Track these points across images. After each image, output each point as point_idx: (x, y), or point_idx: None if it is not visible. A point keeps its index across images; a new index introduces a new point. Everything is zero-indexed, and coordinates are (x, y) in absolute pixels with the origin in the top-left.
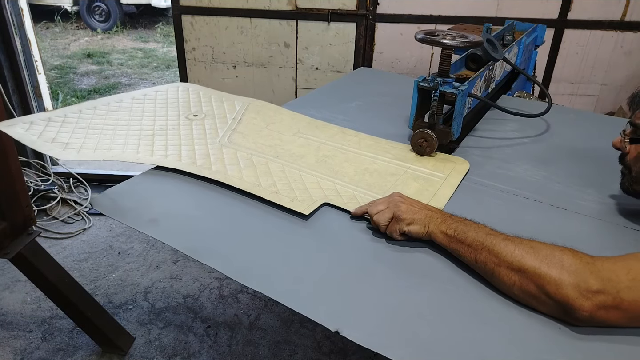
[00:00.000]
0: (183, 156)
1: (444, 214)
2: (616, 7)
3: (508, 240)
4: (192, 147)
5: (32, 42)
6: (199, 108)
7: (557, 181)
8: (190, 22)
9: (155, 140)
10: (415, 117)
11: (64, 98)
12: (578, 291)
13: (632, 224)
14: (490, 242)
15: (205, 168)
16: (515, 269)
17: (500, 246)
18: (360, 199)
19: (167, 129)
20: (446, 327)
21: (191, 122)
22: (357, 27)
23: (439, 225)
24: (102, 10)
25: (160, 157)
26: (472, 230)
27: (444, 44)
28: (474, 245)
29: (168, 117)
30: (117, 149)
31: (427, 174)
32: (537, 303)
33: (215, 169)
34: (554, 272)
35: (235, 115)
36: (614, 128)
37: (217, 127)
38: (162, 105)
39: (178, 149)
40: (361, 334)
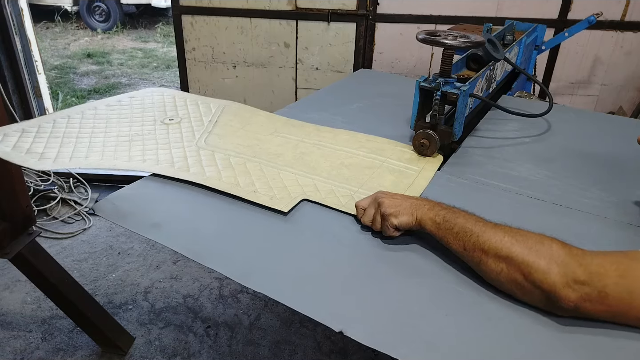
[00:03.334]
0: (160, 160)
1: (431, 202)
2: (616, 7)
3: (497, 227)
4: (169, 151)
5: (32, 42)
6: (175, 112)
7: (559, 180)
8: (190, 22)
9: (132, 146)
10: (416, 117)
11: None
12: (565, 281)
13: (636, 221)
14: (478, 230)
15: (182, 170)
16: (503, 257)
17: (489, 234)
18: (338, 193)
19: (143, 135)
20: (449, 325)
21: (167, 126)
22: (357, 27)
23: (427, 212)
24: (102, 10)
25: (138, 162)
26: (461, 218)
27: (446, 44)
28: (462, 232)
29: (144, 122)
30: (94, 156)
31: (402, 167)
32: (522, 292)
33: (194, 171)
34: (542, 261)
35: (211, 118)
36: (616, 127)
37: (193, 130)
38: (138, 111)
39: (155, 154)
40: (364, 334)
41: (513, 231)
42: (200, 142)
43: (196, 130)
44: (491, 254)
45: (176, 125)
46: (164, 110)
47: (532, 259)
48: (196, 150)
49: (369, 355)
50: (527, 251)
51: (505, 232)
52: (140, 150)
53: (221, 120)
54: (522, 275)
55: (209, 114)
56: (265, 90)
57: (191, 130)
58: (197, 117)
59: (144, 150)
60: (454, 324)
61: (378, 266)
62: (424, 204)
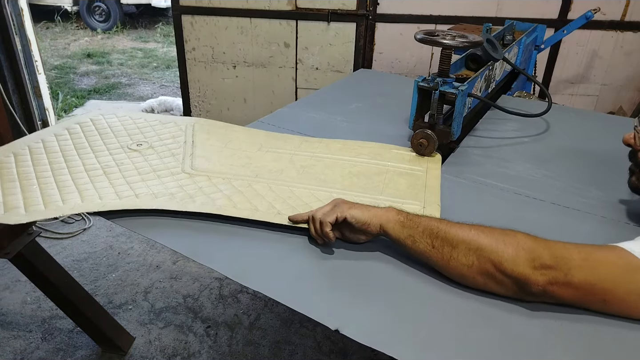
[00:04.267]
0: (155, 193)
1: (391, 208)
2: (616, 7)
3: (461, 224)
4: (158, 181)
5: (32, 42)
6: (140, 135)
7: (557, 179)
8: (190, 22)
9: (111, 179)
10: (415, 117)
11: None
12: (532, 266)
13: (633, 221)
14: (445, 227)
15: (187, 202)
16: (473, 249)
17: (456, 229)
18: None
19: (117, 164)
20: (447, 325)
21: (139, 152)
22: (357, 27)
23: (390, 213)
24: (102, 10)
25: (131, 199)
26: (424, 219)
27: (444, 44)
28: (429, 230)
29: (109, 150)
30: (72, 198)
31: (407, 170)
32: (494, 283)
33: (201, 200)
34: (510, 249)
35: (185, 138)
36: (614, 127)
37: (172, 154)
38: (95, 138)
39: (144, 185)
40: (361, 333)
41: (478, 226)
42: (187, 168)
43: (175, 153)
44: (461, 248)
45: (150, 150)
46: (127, 134)
47: (501, 248)
48: (188, 177)
49: (369, 356)
50: (495, 242)
51: (471, 227)
52: (124, 183)
53: (197, 140)
54: (493, 266)
55: (180, 134)
56: (265, 90)
57: (170, 155)
58: (168, 139)
59: (128, 183)
60: (451, 323)
61: (375, 265)
62: (385, 208)
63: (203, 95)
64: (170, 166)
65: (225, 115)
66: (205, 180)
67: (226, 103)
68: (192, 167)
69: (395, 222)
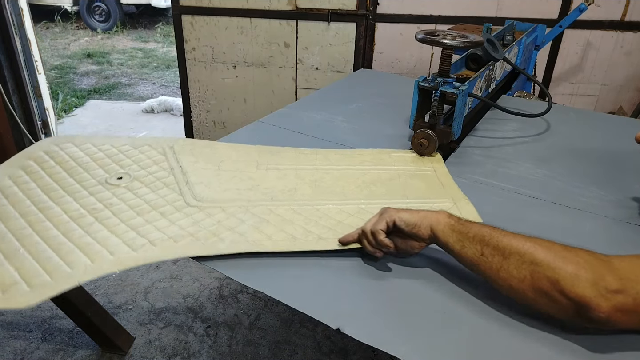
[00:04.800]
0: (172, 236)
1: (442, 210)
2: (616, 7)
3: (516, 234)
4: (165, 220)
5: (32, 42)
6: (115, 166)
7: (558, 179)
8: (190, 22)
9: (108, 225)
10: (415, 117)
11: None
12: (596, 289)
13: (635, 220)
14: (498, 235)
15: (216, 242)
16: (527, 262)
17: (509, 238)
18: None
19: (105, 206)
20: (448, 323)
21: (126, 188)
22: (357, 27)
23: (440, 215)
24: (102, 10)
25: (147, 248)
26: (476, 225)
27: (444, 44)
28: (480, 236)
29: (87, 189)
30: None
31: (416, 171)
32: (548, 301)
33: (230, 238)
34: (570, 267)
35: (170, 164)
36: (615, 127)
37: (164, 185)
38: (60, 176)
39: (152, 228)
40: (362, 332)
41: (534, 238)
42: (190, 199)
43: (168, 183)
44: (513, 260)
45: (136, 184)
46: (97, 166)
47: (560, 265)
48: (199, 210)
49: (369, 355)
50: (553, 257)
51: (527, 238)
52: (128, 230)
53: (185, 164)
54: (549, 283)
55: (162, 158)
56: (265, 90)
57: (163, 185)
58: (151, 166)
59: (133, 229)
60: (453, 321)
61: (377, 265)
62: (435, 211)
63: (203, 95)
64: (170, 200)
65: (225, 115)
66: (220, 212)
67: (226, 103)
68: (196, 197)
69: (445, 225)
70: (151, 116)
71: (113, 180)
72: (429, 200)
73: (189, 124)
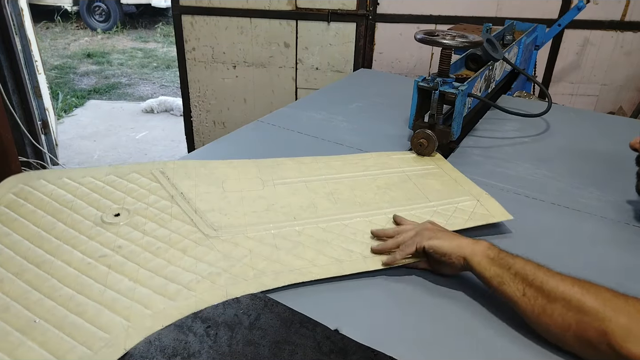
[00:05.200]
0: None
1: (483, 241)
2: (616, 7)
3: (563, 275)
4: (190, 259)
5: (32, 42)
6: (106, 202)
7: (558, 180)
8: (190, 22)
9: (126, 272)
10: (415, 117)
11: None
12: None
13: (634, 221)
14: (542, 275)
15: (259, 275)
16: (574, 309)
17: (556, 280)
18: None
19: (113, 250)
20: (447, 325)
21: (128, 225)
22: (357, 27)
23: (478, 245)
24: (102, 10)
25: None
26: (519, 259)
27: (443, 44)
28: (523, 274)
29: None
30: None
31: (424, 171)
32: (594, 353)
33: (272, 269)
34: (622, 319)
35: (169, 191)
36: (614, 127)
37: (171, 216)
38: (45, 220)
39: (179, 270)
40: (361, 332)
41: (582, 282)
42: (207, 230)
43: (174, 214)
44: (558, 305)
45: (139, 219)
46: (86, 204)
47: (610, 315)
48: (221, 242)
49: (369, 356)
50: (603, 306)
51: (575, 282)
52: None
53: (184, 189)
54: (597, 334)
55: (156, 186)
56: (265, 90)
57: (170, 217)
58: (147, 197)
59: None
60: (452, 323)
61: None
62: (475, 240)
63: (203, 95)
64: (185, 233)
65: (225, 115)
66: (246, 240)
67: (226, 103)
68: (212, 226)
69: (482, 257)
70: (151, 116)
71: (110, 218)
72: (451, 200)
73: (189, 124)
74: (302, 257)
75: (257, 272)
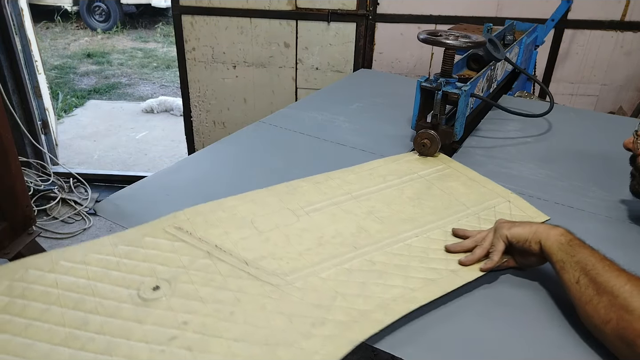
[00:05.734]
0: (307, 331)
1: (559, 227)
2: (616, 7)
3: (621, 271)
4: (282, 318)
5: (32, 42)
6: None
7: (560, 179)
8: (190, 22)
9: (214, 347)
10: (417, 117)
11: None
12: None
13: (637, 221)
14: (600, 267)
15: (369, 314)
16: (618, 305)
17: (610, 275)
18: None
19: (183, 329)
20: (454, 324)
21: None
22: (357, 27)
23: (553, 229)
24: (102, 10)
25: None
26: (587, 249)
27: (447, 44)
28: (583, 263)
29: (126, 320)
30: None
31: (438, 172)
32: (629, 352)
33: (377, 304)
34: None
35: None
36: (616, 127)
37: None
38: (73, 318)
39: (266, 333)
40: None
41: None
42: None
43: (225, 274)
44: (605, 299)
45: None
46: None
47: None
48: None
49: (368, 355)
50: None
51: (629, 279)
52: (250, 343)
53: (216, 239)
54: (635, 334)
55: (181, 246)
56: (265, 90)
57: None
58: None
59: (244, 340)
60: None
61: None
62: (552, 225)
63: (203, 95)
64: (251, 289)
65: (225, 115)
66: (324, 282)
67: (226, 103)
68: (276, 274)
69: (554, 241)
70: (151, 116)
71: (149, 294)
72: (486, 204)
73: (189, 124)
74: (394, 285)
75: (361, 311)
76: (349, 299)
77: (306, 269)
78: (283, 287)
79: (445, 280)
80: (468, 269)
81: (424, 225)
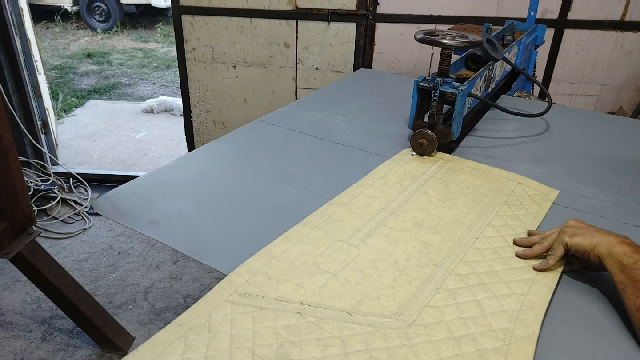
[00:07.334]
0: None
1: (627, 239)
2: (616, 7)
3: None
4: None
5: (32, 42)
6: None
7: (557, 179)
8: (190, 22)
9: None
10: (415, 117)
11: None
12: None
13: (634, 221)
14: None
15: (511, 330)
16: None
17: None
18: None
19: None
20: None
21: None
22: (357, 27)
23: (615, 245)
24: (102, 10)
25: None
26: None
27: (443, 44)
28: (634, 272)
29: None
30: None
31: (442, 167)
32: None
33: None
34: None
35: (280, 307)
36: (615, 127)
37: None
38: None
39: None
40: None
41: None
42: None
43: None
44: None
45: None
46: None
47: None
48: (417, 327)
49: None
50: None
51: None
52: None
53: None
54: None
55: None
56: (265, 90)
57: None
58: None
59: None
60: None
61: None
62: (615, 236)
63: (203, 95)
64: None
65: (225, 115)
66: (433, 310)
67: (226, 103)
68: (384, 317)
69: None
70: (151, 116)
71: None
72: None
73: (189, 124)
74: (503, 295)
75: (503, 330)
76: (479, 320)
77: (411, 302)
78: (406, 329)
79: (541, 276)
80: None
81: (473, 225)
